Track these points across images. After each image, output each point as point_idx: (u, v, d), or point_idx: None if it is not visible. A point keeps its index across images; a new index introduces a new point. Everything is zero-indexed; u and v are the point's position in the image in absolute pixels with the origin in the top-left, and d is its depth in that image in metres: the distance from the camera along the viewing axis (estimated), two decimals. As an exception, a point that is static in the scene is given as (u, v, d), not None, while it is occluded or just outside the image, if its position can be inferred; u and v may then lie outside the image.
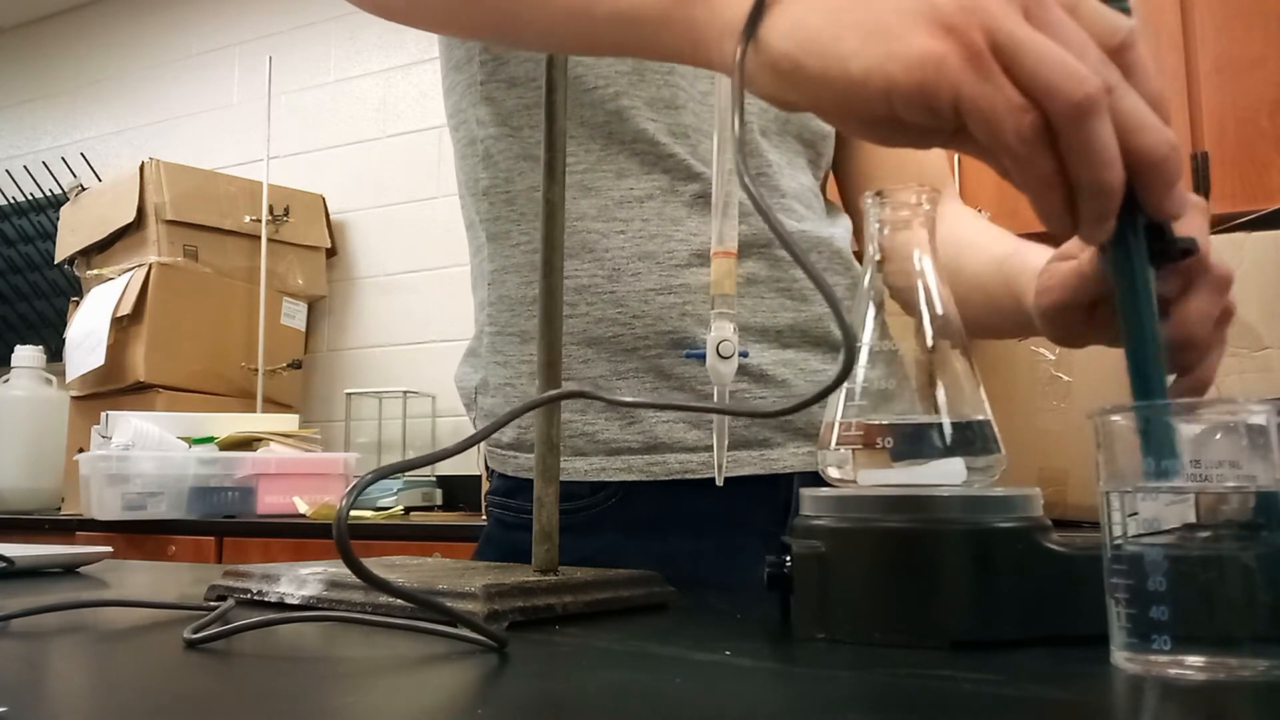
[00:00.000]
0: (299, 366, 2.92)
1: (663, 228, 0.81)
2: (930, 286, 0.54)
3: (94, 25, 3.68)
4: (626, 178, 0.81)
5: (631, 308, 0.80)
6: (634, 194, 0.81)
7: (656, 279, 0.80)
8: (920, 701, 0.37)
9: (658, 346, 0.80)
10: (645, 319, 0.80)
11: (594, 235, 0.81)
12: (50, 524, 2.47)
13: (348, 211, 3.11)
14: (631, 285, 0.81)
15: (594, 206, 0.81)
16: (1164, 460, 0.38)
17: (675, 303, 0.80)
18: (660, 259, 0.80)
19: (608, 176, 0.82)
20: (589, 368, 0.81)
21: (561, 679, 0.42)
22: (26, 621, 0.55)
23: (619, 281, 0.81)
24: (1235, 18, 1.92)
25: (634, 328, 0.81)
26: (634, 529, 0.81)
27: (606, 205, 0.81)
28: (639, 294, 0.80)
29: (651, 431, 0.80)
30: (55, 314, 3.43)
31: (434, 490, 2.70)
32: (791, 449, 0.83)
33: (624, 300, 0.81)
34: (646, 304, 0.80)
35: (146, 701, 0.38)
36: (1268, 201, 1.80)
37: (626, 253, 0.81)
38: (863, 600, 0.47)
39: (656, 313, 0.80)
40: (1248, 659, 0.37)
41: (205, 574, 0.86)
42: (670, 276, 0.80)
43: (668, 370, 0.80)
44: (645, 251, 0.81)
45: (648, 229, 0.81)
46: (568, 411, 0.81)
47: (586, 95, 0.81)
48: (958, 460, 0.50)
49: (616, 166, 0.81)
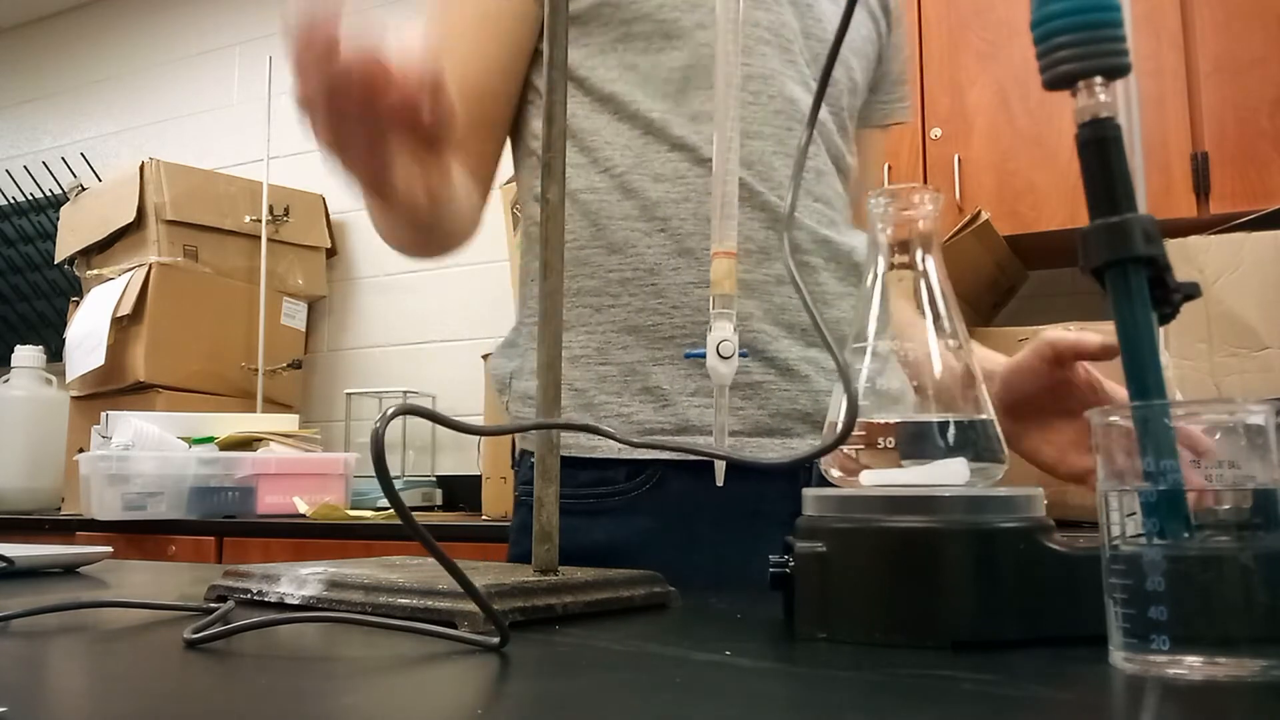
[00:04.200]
0: (299, 366, 2.92)
1: (699, 226, 0.85)
2: (933, 285, 0.54)
3: (94, 25, 3.68)
4: (663, 182, 0.87)
5: (671, 298, 0.86)
6: (670, 196, 0.87)
7: (695, 274, 0.85)
8: (920, 701, 0.37)
9: (693, 335, 0.85)
10: (684, 309, 0.86)
11: (636, 234, 0.87)
12: (50, 524, 2.46)
13: (348, 211, 3.11)
14: (672, 279, 0.86)
15: (635, 207, 0.88)
16: (1162, 460, 0.38)
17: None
18: (699, 255, 0.85)
19: (645, 179, 0.87)
20: (628, 353, 0.87)
21: (561, 679, 0.42)
22: (26, 621, 0.55)
23: (660, 275, 0.86)
24: (1235, 18, 1.92)
25: (673, 317, 0.86)
26: (666, 515, 0.86)
27: (645, 205, 0.87)
28: (679, 286, 0.86)
29: (684, 415, 0.85)
30: (55, 314, 3.43)
31: (434, 490, 2.70)
32: (809, 440, 0.88)
33: (664, 292, 0.86)
34: (685, 296, 0.86)
35: (146, 701, 0.38)
36: (1268, 201, 1.80)
37: (667, 250, 0.86)
38: (864, 600, 0.47)
39: (695, 304, 0.85)
40: (1246, 659, 0.37)
41: (205, 574, 0.86)
42: (709, 271, 0.85)
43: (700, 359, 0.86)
44: (685, 249, 0.86)
45: (685, 228, 0.86)
46: (603, 394, 0.87)
47: (627, 108, 0.88)
48: (960, 460, 0.50)
49: (653, 171, 0.87)
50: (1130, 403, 0.43)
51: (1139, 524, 0.39)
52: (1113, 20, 0.43)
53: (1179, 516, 0.38)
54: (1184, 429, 0.42)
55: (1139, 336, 0.43)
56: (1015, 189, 2.01)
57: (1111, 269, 0.43)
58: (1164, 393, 0.44)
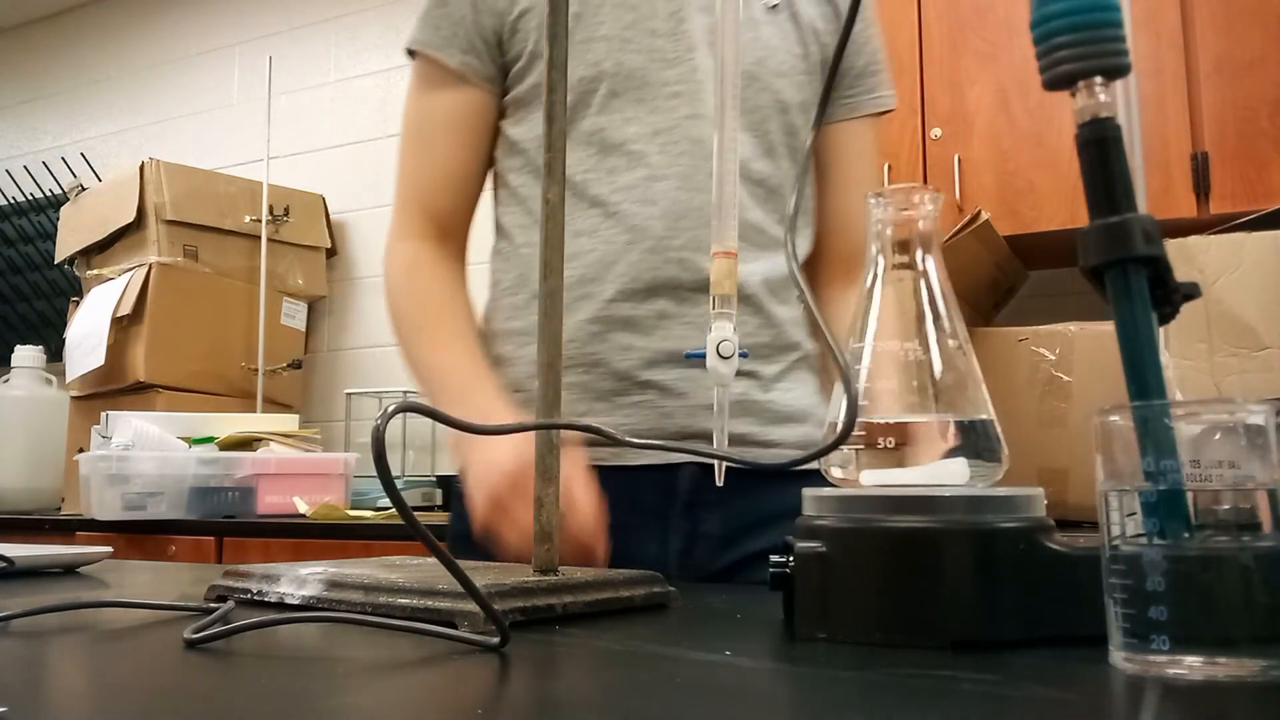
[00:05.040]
0: (299, 366, 2.92)
1: (601, 271, 0.93)
2: (932, 285, 0.54)
3: (94, 25, 3.68)
4: (580, 236, 0.94)
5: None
6: (583, 248, 0.94)
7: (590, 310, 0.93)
8: (920, 701, 0.37)
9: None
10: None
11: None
12: (50, 524, 2.46)
13: (348, 211, 3.11)
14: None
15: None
16: (1162, 460, 0.38)
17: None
18: (592, 295, 0.93)
19: (567, 234, 0.95)
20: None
21: (561, 679, 0.42)
22: (26, 621, 0.55)
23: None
24: (1235, 18, 1.92)
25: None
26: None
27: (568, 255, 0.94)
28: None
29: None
30: (55, 314, 3.43)
31: (434, 490, 2.70)
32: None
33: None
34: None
35: (146, 701, 0.38)
36: (1268, 201, 1.80)
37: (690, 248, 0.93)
38: (864, 600, 0.47)
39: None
40: (1246, 659, 0.37)
41: (205, 574, 0.86)
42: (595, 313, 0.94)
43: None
44: (586, 293, 0.94)
45: (589, 273, 0.94)
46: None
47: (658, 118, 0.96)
48: (960, 460, 0.50)
49: (574, 227, 0.95)
50: (1130, 403, 0.43)
51: (1139, 524, 0.39)
52: (1112, 20, 0.43)
53: (1179, 516, 0.38)
54: None
55: (1139, 336, 0.43)
56: (1015, 189, 2.01)
57: (1111, 269, 0.43)
58: (1164, 393, 0.44)
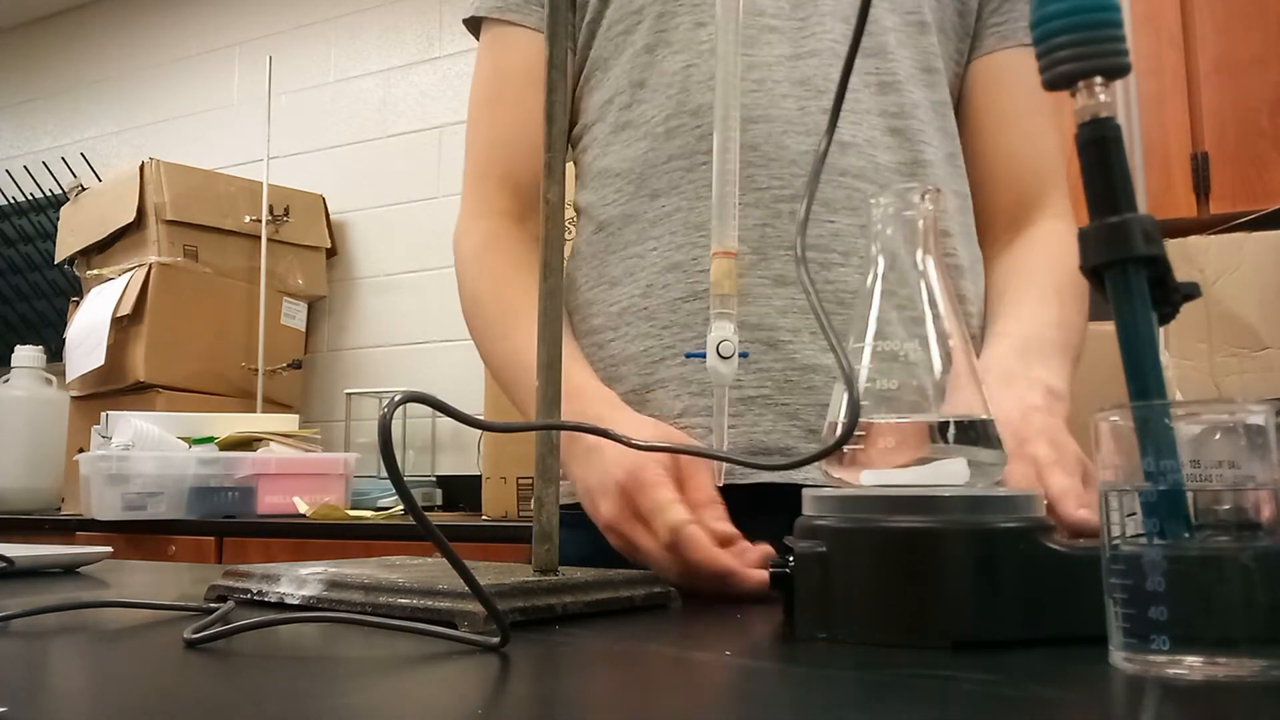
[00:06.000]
0: (299, 366, 2.92)
1: (689, 237, 0.87)
2: (932, 286, 0.54)
3: (94, 25, 3.68)
4: (659, 198, 0.89)
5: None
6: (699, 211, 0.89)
7: (684, 288, 0.87)
8: (920, 701, 0.37)
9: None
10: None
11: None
12: (50, 524, 2.47)
13: (348, 211, 3.11)
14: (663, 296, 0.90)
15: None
16: (1162, 460, 0.38)
17: (701, 308, 0.85)
18: (686, 268, 0.87)
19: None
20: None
21: (561, 679, 0.42)
22: (26, 621, 0.55)
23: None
24: (1235, 18, 1.92)
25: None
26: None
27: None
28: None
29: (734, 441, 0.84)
30: (55, 314, 3.43)
31: (434, 490, 2.70)
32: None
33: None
34: (674, 313, 0.88)
35: (146, 701, 0.38)
36: (1268, 201, 1.80)
37: (659, 266, 0.89)
38: (864, 600, 0.47)
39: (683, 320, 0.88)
40: (1246, 659, 0.37)
41: (205, 574, 0.86)
42: (697, 283, 0.87)
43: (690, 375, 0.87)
44: (673, 263, 0.88)
45: (674, 240, 0.88)
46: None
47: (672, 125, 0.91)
48: (960, 460, 0.50)
49: (650, 188, 0.90)
50: (1130, 403, 0.43)
51: (1139, 524, 0.39)
52: (1112, 20, 0.43)
53: (1179, 516, 0.38)
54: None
55: (1139, 336, 0.43)
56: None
57: (1111, 269, 0.43)
58: (1164, 393, 0.44)
